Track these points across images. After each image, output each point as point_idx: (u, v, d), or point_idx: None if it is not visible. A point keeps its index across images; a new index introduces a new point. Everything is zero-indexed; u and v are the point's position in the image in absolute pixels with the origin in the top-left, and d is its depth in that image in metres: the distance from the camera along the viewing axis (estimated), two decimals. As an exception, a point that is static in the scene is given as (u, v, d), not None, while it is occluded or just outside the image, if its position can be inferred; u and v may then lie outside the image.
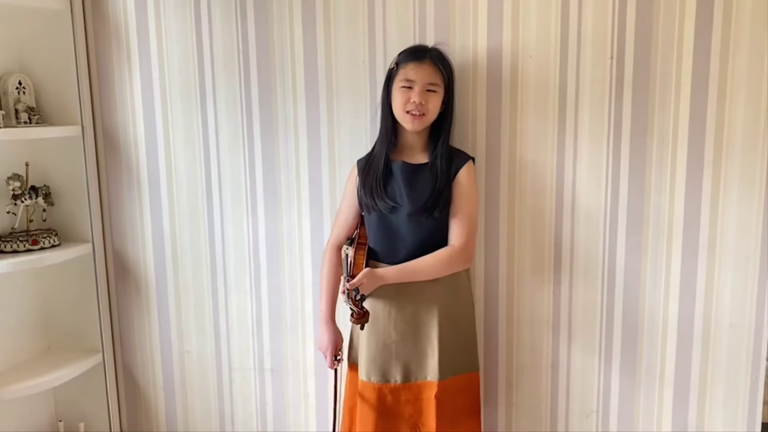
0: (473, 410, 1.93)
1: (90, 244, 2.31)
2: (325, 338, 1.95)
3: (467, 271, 1.92)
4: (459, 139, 1.93)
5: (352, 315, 1.73)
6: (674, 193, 1.86)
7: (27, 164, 2.22)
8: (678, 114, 1.83)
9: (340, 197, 2.07)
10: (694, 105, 1.81)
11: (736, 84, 1.78)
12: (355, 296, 1.70)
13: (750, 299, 1.86)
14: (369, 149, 2.01)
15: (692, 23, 1.78)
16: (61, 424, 2.46)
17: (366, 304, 1.75)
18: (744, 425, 1.92)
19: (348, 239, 1.95)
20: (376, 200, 1.83)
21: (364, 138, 2.05)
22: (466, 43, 1.92)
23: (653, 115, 1.84)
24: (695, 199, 1.85)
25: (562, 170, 1.93)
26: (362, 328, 1.78)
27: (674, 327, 1.92)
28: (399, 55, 1.85)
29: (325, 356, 1.96)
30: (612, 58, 1.84)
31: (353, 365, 1.96)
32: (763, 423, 1.93)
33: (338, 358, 1.95)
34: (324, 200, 2.12)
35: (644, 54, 1.82)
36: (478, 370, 1.95)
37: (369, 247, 1.89)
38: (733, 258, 1.85)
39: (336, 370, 1.96)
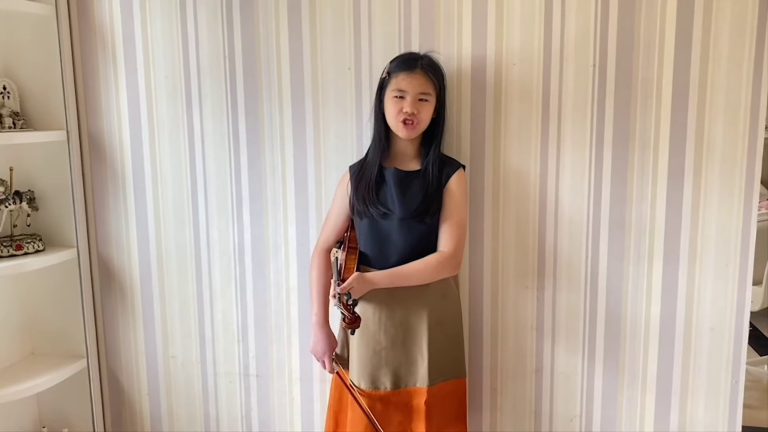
0: (460, 415, 1.94)
1: (75, 249, 2.30)
2: (320, 344, 1.93)
3: (455, 277, 1.93)
4: (444, 146, 1.94)
5: (344, 319, 1.73)
6: (656, 199, 1.88)
7: (11, 169, 2.21)
8: (659, 121, 1.85)
9: (326, 202, 2.07)
10: (675, 112, 1.84)
11: (716, 91, 1.81)
12: (347, 301, 1.70)
13: (730, 303, 1.89)
14: (355, 154, 2.02)
15: (673, 32, 1.81)
16: (45, 429, 2.44)
17: (356, 309, 1.75)
18: (725, 428, 1.94)
19: (337, 242, 1.95)
20: (369, 206, 1.84)
21: (350, 144, 2.06)
22: (451, 51, 1.94)
23: (635, 122, 1.87)
24: (676, 205, 1.87)
25: (545, 177, 1.94)
26: (353, 333, 1.78)
27: (656, 331, 1.94)
28: (390, 63, 1.85)
29: (323, 362, 1.94)
30: (594, 66, 1.87)
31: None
32: (743, 426, 1.95)
33: (333, 360, 1.94)
34: (310, 205, 2.13)
35: (626, 62, 1.85)
36: (465, 376, 1.96)
37: (360, 252, 1.89)
38: (713, 263, 1.88)
39: (338, 372, 1.94)
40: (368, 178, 1.86)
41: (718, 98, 1.81)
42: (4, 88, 2.18)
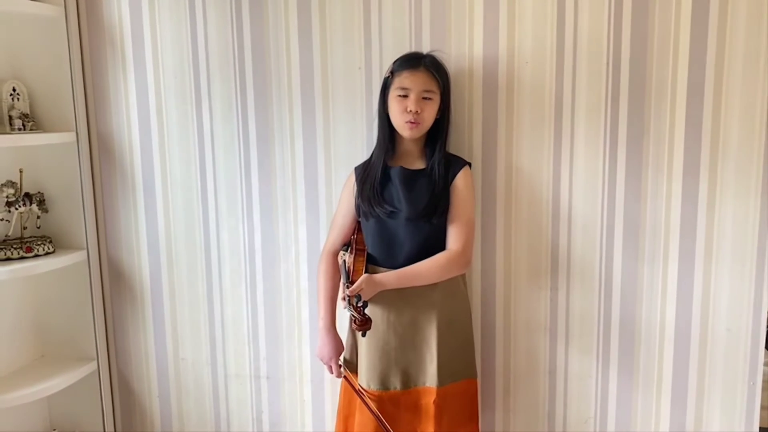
0: (471, 416, 1.93)
1: (84, 251, 2.30)
2: (327, 348, 1.93)
3: (463, 276, 1.92)
4: (455, 146, 1.94)
5: (354, 322, 1.72)
6: (671, 198, 1.86)
7: (21, 171, 2.21)
8: (674, 120, 1.83)
9: (336, 202, 2.06)
10: (689, 111, 1.82)
11: (731, 89, 1.79)
12: (357, 303, 1.69)
13: (747, 304, 1.86)
14: (365, 154, 2.01)
15: (687, 29, 1.79)
16: (56, 432, 2.45)
17: (366, 311, 1.74)
18: (742, 430, 1.92)
19: (344, 245, 1.94)
20: (374, 206, 1.83)
21: (360, 143, 2.05)
22: (462, 50, 1.93)
23: (649, 120, 1.85)
24: (691, 204, 1.85)
25: (558, 176, 1.93)
26: (364, 335, 1.77)
27: (671, 332, 1.92)
28: (394, 63, 1.85)
29: (329, 366, 1.93)
30: (608, 64, 1.85)
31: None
32: (761, 428, 1.93)
33: (340, 365, 1.93)
34: (320, 206, 2.12)
35: (640, 60, 1.83)
36: (476, 377, 1.94)
37: (367, 253, 1.88)
38: (729, 262, 1.85)
39: (345, 376, 1.93)
40: (373, 178, 1.85)
41: (733, 95, 1.79)
42: (14, 89, 2.18)
